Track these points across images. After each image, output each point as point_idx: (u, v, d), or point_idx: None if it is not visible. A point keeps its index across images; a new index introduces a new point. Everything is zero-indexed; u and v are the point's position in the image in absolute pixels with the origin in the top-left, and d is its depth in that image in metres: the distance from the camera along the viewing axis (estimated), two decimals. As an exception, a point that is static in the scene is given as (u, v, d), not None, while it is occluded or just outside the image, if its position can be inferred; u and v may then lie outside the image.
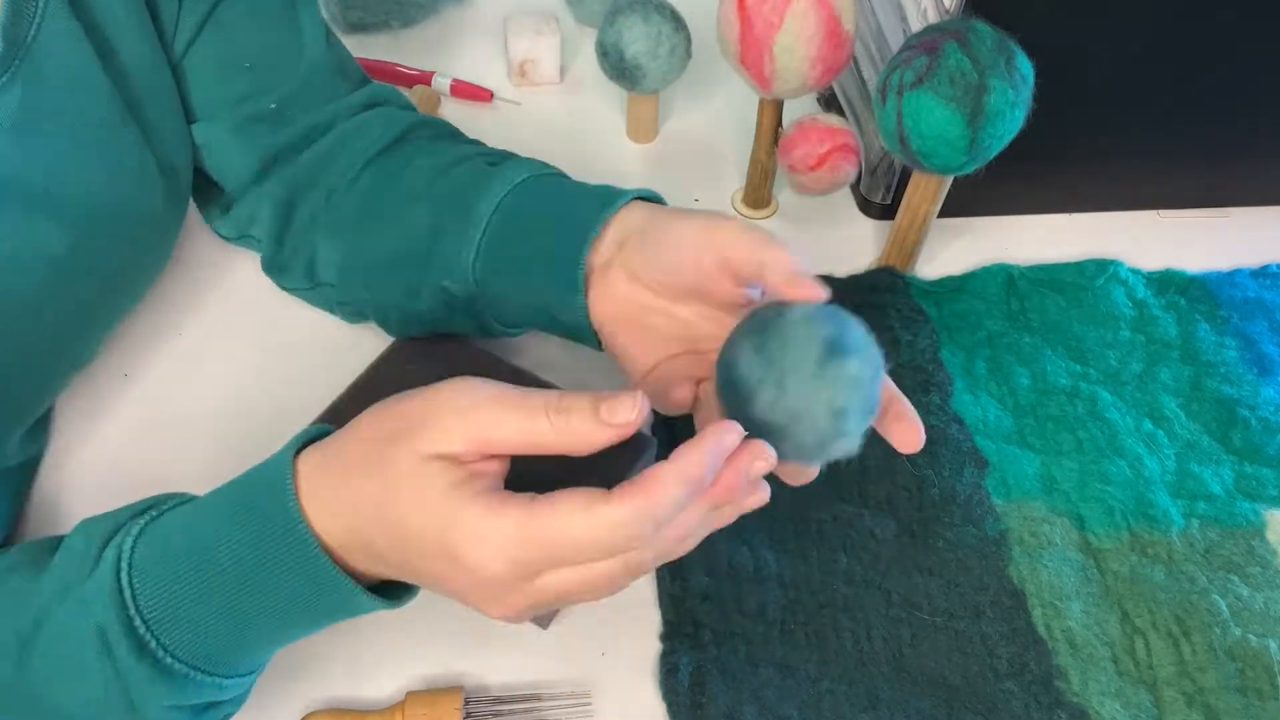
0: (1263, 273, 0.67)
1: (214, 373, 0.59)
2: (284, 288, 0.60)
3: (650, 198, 0.48)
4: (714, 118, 0.76)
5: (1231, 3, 0.58)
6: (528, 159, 0.53)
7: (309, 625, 0.39)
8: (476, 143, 0.58)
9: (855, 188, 0.70)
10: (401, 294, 0.52)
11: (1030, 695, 0.47)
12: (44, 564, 0.38)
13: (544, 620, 0.48)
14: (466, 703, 0.45)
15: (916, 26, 0.62)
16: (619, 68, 0.66)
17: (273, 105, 0.53)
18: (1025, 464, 0.56)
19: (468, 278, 0.48)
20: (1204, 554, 0.52)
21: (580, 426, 0.34)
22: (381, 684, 0.47)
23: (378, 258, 0.53)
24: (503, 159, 0.54)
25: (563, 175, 0.52)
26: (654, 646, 0.48)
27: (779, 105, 0.63)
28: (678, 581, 0.49)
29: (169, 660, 0.36)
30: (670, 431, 0.55)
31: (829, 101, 0.74)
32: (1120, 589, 0.51)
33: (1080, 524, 0.53)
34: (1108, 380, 0.60)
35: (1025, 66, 0.52)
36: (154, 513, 0.38)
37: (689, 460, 0.33)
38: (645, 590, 0.50)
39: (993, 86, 0.51)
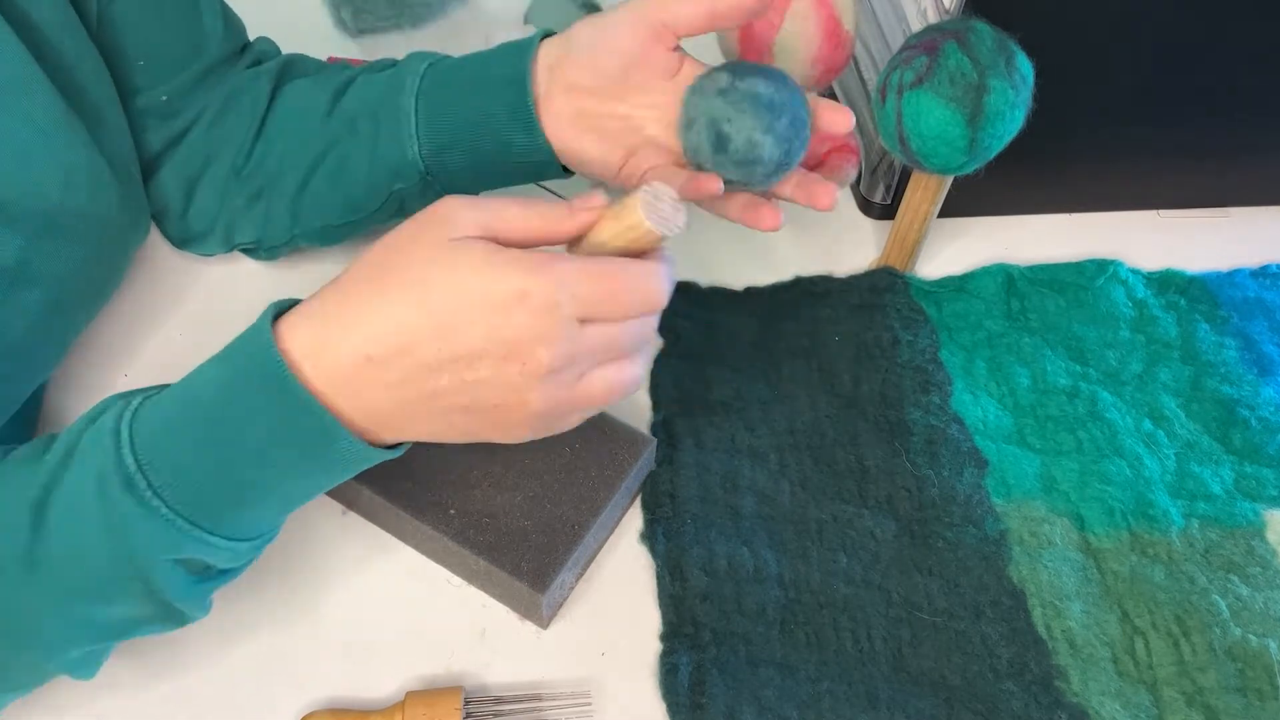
0: (1263, 273, 0.67)
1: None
2: (198, 254, 0.61)
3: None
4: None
5: (1232, 3, 0.58)
6: (412, 54, 0.54)
7: (290, 473, 0.38)
8: (345, 66, 0.58)
9: (855, 188, 0.70)
10: (351, 215, 0.54)
11: (1030, 695, 0.47)
12: (50, 444, 0.39)
13: (544, 620, 0.48)
14: (466, 703, 0.45)
15: (916, 26, 0.62)
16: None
17: (164, 98, 0.53)
18: (1025, 464, 0.56)
19: (416, 170, 0.50)
20: (1204, 554, 0.52)
21: (562, 211, 0.38)
22: (381, 684, 0.47)
23: (325, 201, 0.54)
24: (386, 64, 0.55)
25: (450, 56, 0.53)
26: (654, 646, 0.48)
27: (779, 105, 0.63)
28: (678, 581, 0.49)
29: (155, 502, 0.36)
30: (669, 431, 0.55)
31: (829, 101, 0.74)
32: (1120, 589, 0.51)
33: (1080, 524, 0.53)
34: (1108, 380, 0.60)
35: (1025, 66, 0.52)
36: (158, 388, 0.40)
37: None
38: (645, 590, 0.50)
39: (993, 86, 0.51)
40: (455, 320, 0.35)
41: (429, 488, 0.49)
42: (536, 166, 0.50)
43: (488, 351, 0.35)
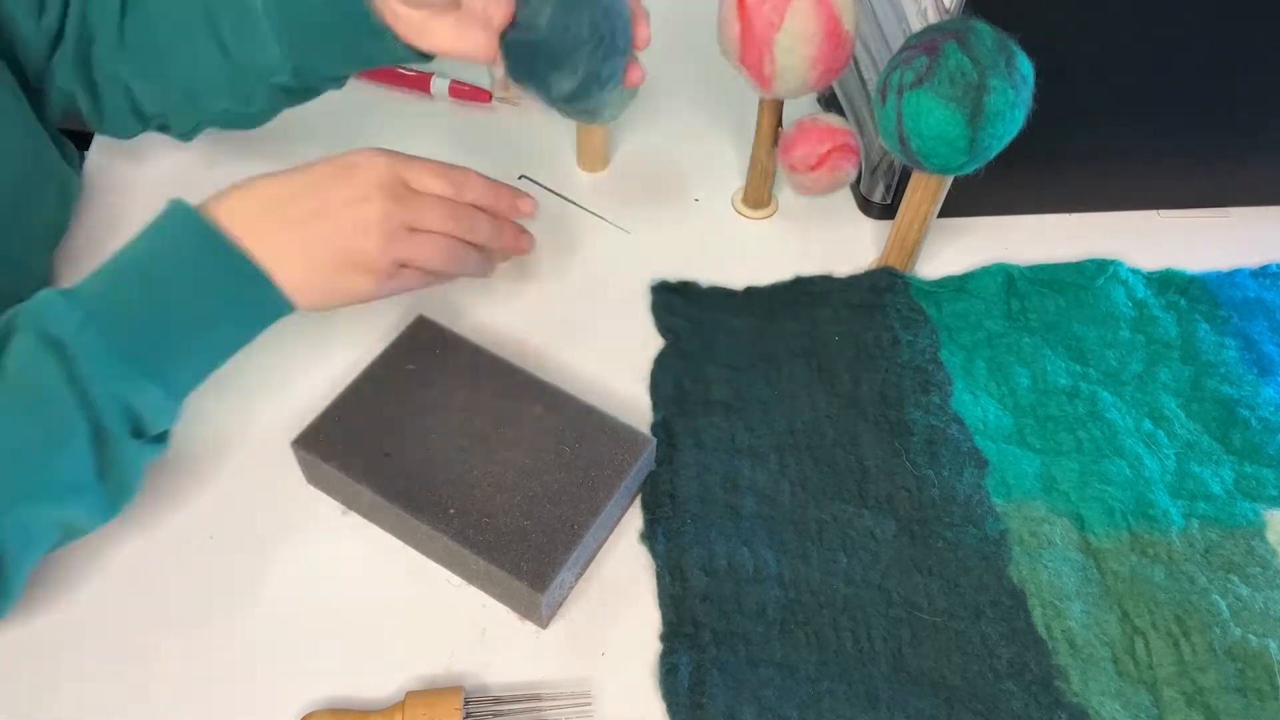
0: (1263, 273, 0.67)
1: (214, 372, 0.58)
2: (124, 136, 0.63)
3: None
4: (713, 118, 0.76)
5: (1232, 3, 0.58)
6: None
7: (217, 319, 0.46)
8: None
9: (855, 188, 0.70)
10: (237, 104, 0.58)
11: (1030, 695, 0.47)
12: None
13: (544, 620, 0.48)
14: (466, 703, 0.45)
15: (916, 26, 0.62)
16: (580, 108, 0.62)
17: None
18: (1025, 464, 0.56)
19: (285, 70, 0.55)
20: (1204, 554, 0.52)
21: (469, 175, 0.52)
22: (381, 684, 0.47)
23: (213, 81, 0.57)
24: None
25: None
26: (654, 646, 0.48)
27: (779, 105, 0.63)
28: (678, 581, 0.49)
29: (104, 345, 0.42)
30: (669, 431, 0.55)
31: (829, 101, 0.74)
32: (1120, 589, 0.51)
33: (1080, 524, 0.53)
34: (1107, 380, 0.60)
35: (1025, 66, 0.52)
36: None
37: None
38: (645, 590, 0.50)
39: (993, 86, 0.51)
40: (317, 180, 0.47)
41: (429, 488, 0.49)
42: (391, 56, 0.55)
43: (342, 193, 0.47)
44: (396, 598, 0.50)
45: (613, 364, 0.59)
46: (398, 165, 0.48)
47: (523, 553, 0.46)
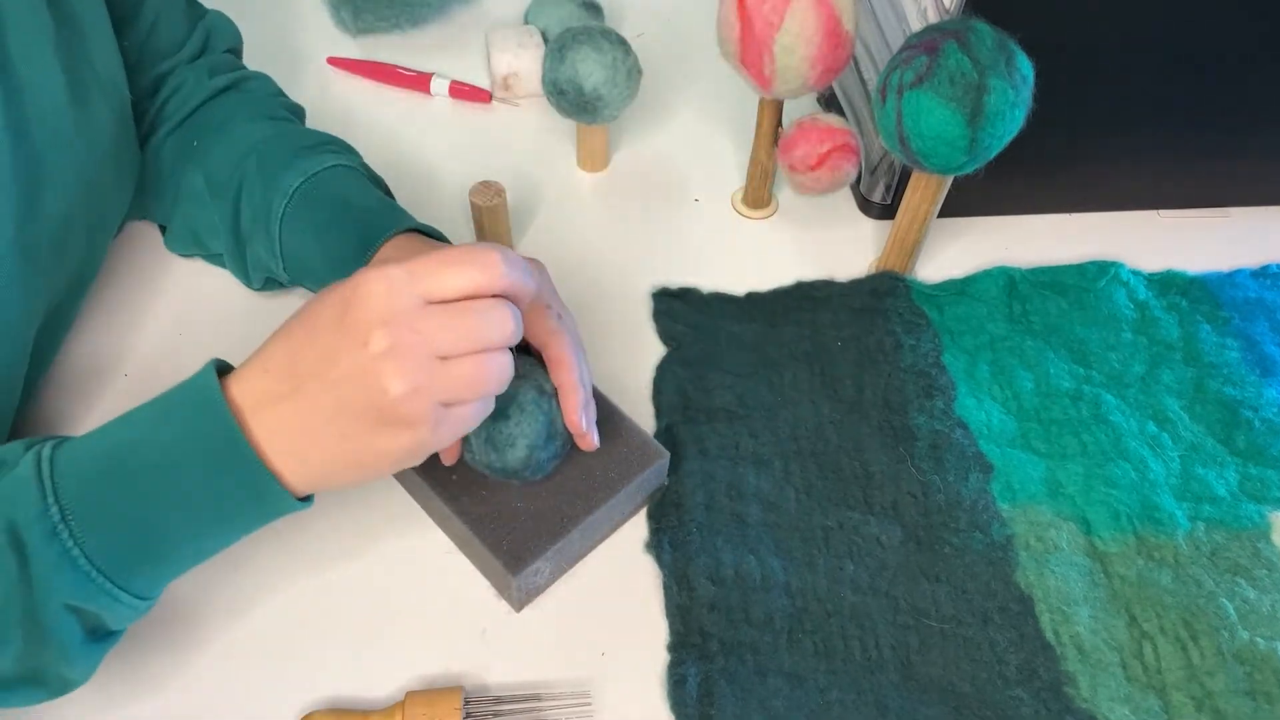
0: (1263, 273, 0.66)
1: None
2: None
3: (427, 232, 0.53)
4: (713, 118, 0.76)
5: (1232, 3, 0.58)
6: (292, 164, 0.55)
7: (219, 527, 0.40)
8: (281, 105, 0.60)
9: (855, 188, 0.70)
10: (234, 264, 0.58)
11: (1040, 702, 0.47)
12: None
13: (516, 603, 0.49)
14: (466, 703, 0.45)
15: (916, 26, 0.62)
16: (579, 103, 0.63)
17: (124, 43, 0.54)
18: (1030, 468, 0.55)
19: (279, 270, 0.55)
20: (1210, 557, 0.52)
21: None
22: (381, 684, 0.47)
23: (199, 228, 0.58)
24: (285, 158, 0.55)
25: (340, 169, 0.55)
26: (654, 646, 0.48)
27: (779, 105, 0.63)
28: (684, 591, 0.49)
29: (75, 552, 0.37)
30: (673, 438, 0.55)
31: (829, 101, 0.74)
32: (1127, 593, 0.51)
33: (1086, 528, 0.53)
34: (1111, 383, 0.60)
35: (1025, 66, 0.52)
36: (66, 437, 0.40)
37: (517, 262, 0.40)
38: (645, 590, 0.50)
39: (993, 86, 0.50)
40: (316, 324, 0.38)
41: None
42: None
43: (338, 344, 0.37)
44: (397, 598, 0.50)
45: (614, 371, 0.59)
46: (401, 281, 0.37)
47: (508, 532, 0.47)
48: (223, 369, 0.40)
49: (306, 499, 0.40)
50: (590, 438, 0.48)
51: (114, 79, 0.52)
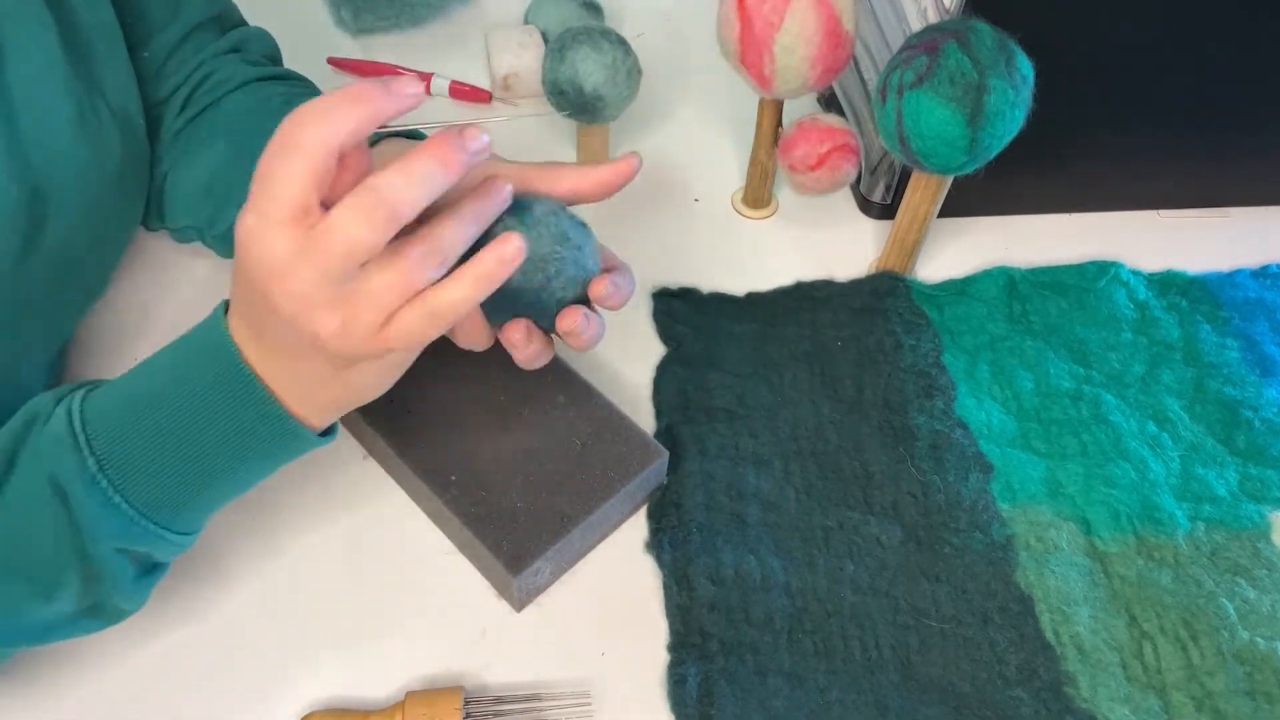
0: (1263, 273, 0.66)
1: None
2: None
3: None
4: (713, 118, 0.76)
5: (1232, 3, 0.58)
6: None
7: (250, 464, 0.41)
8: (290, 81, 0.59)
9: (855, 188, 0.70)
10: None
11: (1040, 702, 0.47)
12: None
13: (517, 603, 0.48)
14: (466, 703, 0.45)
15: (916, 26, 0.62)
16: (579, 103, 0.63)
17: (145, 55, 0.54)
18: (1030, 468, 0.55)
19: None
20: (1210, 557, 0.52)
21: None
22: (381, 684, 0.47)
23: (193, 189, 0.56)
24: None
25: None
26: (654, 646, 0.48)
27: (779, 105, 0.63)
28: (684, 591, 0.49)
29: (117, 499, 0.38)
30: (672, 438, 0.54)
31: (829, 101, 0.74)
32: (1127, 593, 0.51)
33: (1086, 528, 0.53)
34: (1111, 383, 0.60)
35: (1025, 66, 0.52)
36: (92, 383, 0.41)
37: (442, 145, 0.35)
38: (645, 590, 0.50)
39: (993, 86, 0.50)
40: (252, 278, 0.36)
41: (438, 451, 0.50)
42: None
43: (268, 290, 0.36)
44: (397, 598, 0.50)
45: (614, 371, 0.59)
46: (280, 202, 0.34)
47: (507, 533, 0.47)
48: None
49: (328, 432, 0.42)
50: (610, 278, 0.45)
51: (125, 107, 0.52)
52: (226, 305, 0.40)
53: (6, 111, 0.44)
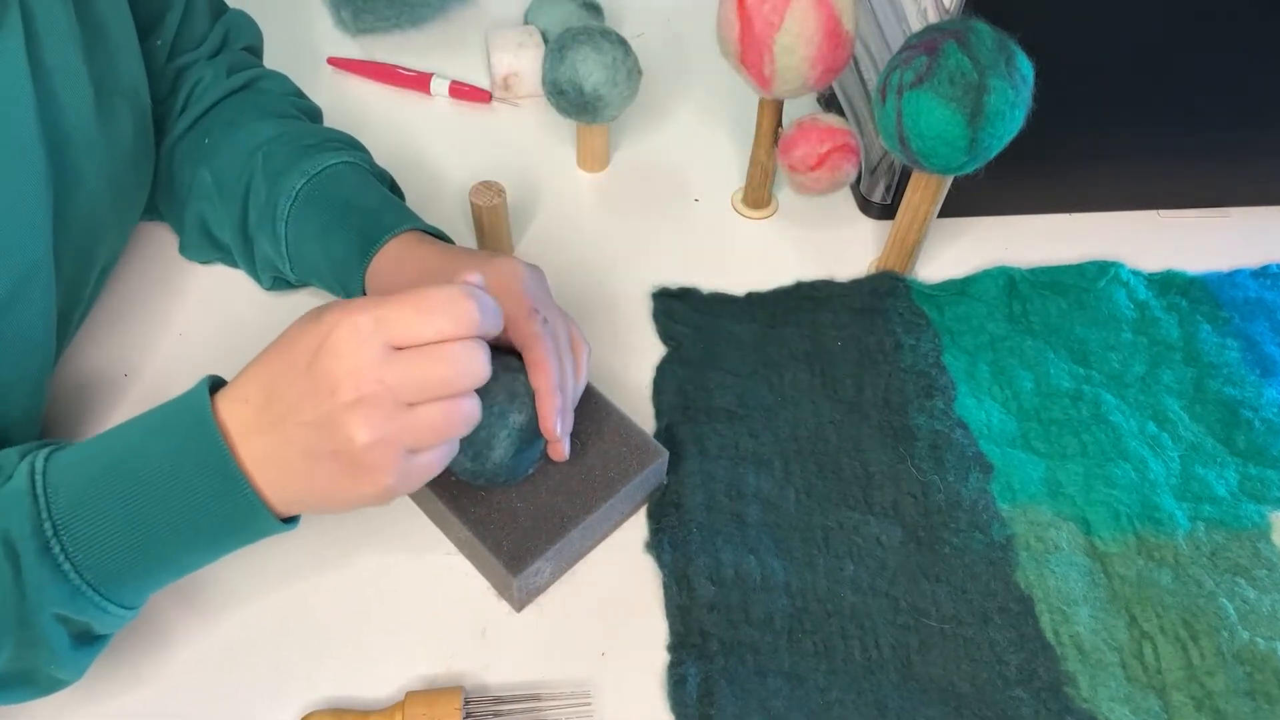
0: (1263, 273, 0.66)
1: (214, 372, 0.58)
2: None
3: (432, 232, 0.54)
4: (713, 118, 0.76)
5: (1231, 3, 0.58)
6: (301, 161, 0.55)
7: (206, 544, 0.40)
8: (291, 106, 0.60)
9: (855, 188, 0.70)
10: (240, 256, 0.58)
11: (1040, 702, 0.47)
12: None
13: (517, 602, 0.48)
14: (466, 703, 0.45)
15: (916, 26, 0.62)
16: (579, 103, 0.63)
17: (159, 42, 0.55)
18: (1030, 468, 0.55)
19: (286, 270, 0.56)
20: (1210, 557, 0.52)
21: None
22: (381, 684, 0.47)
23: (207, 218, 0.59)
24: (280, 165, 0.55)
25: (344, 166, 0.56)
26: (654, 646, 0.48)
27: (779, 105, 0.63)
28: (685, 591, 0.49)
29: (67, 566, 0.37)
30: (673, 438, 0.54)
31: (829, 101, 0.74)
32: (1127, 593, 0.51)
33: (1086, 528, 0.53)
34: (1111, 383, 0.60)
35: (1025, 66, 0.52)
36: (59, 443, 0.40)
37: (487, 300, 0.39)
38: (645, 590, 0.50)
39: (993, 86, 0.50)
40: (290, 364, 0.38)
41: None
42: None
43: (307, 389, 0.37)
44: (396, 598, 0.50)
45: (614, 371, 0.59)
46: (369, 331, 0.37)
47: (508, 533, 0.47)
48: (215, 385, 0.40)
49: (291, 520, 0.41)
50: (561, 446, 0.48)
51: (136, 87, 0.52)
52: (211, 383, 0.40)
53: (44, 88, 0.44)
